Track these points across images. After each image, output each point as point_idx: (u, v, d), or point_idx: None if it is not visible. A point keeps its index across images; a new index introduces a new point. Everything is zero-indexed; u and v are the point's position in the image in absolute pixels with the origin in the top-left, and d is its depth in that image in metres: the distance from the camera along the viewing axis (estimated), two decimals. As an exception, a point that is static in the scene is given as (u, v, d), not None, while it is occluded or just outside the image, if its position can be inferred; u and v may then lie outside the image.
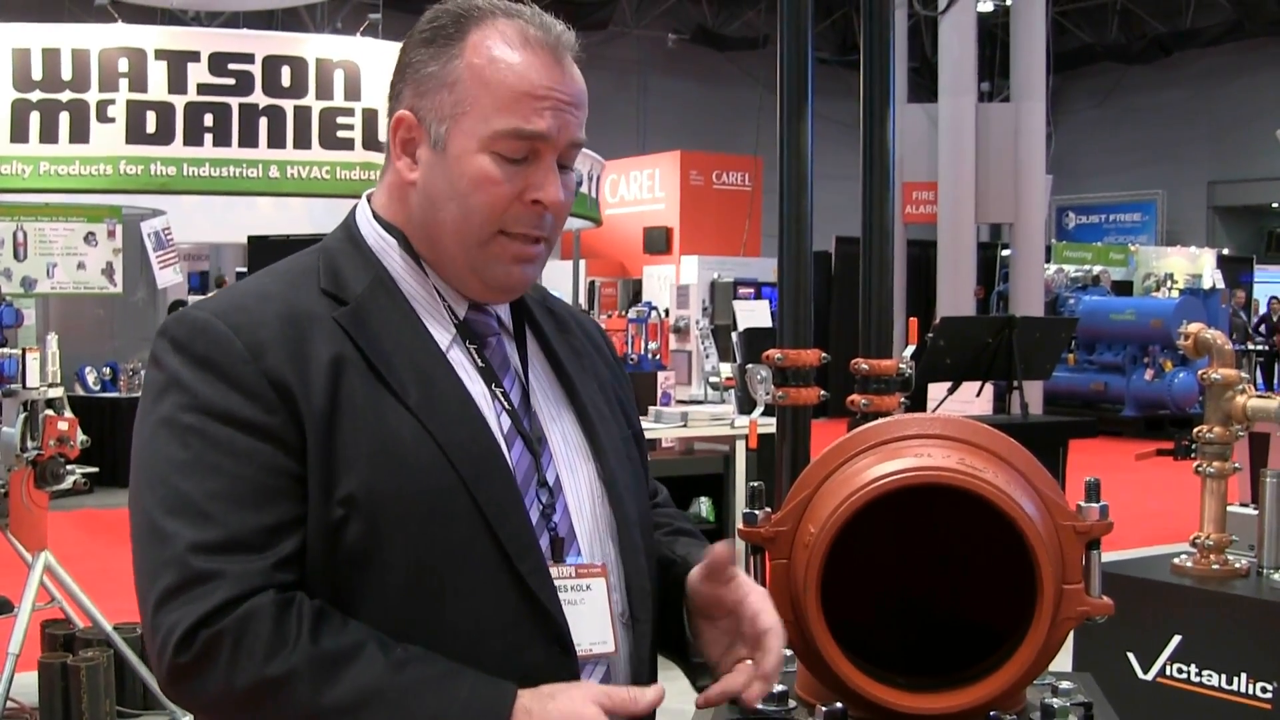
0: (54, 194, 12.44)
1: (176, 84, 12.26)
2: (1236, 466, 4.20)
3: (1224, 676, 3.96)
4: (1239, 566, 4.12)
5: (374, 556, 1.77)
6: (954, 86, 20.07)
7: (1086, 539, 1.90)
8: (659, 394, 8.62)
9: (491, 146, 1.87)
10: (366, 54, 13.10)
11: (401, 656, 1.72)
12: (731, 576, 1.89)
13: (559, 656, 1.84)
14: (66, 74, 12.09)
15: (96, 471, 10.88)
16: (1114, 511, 1.91)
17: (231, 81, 12.37)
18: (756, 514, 1.99)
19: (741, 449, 7.92)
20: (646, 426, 7.94)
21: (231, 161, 12.41)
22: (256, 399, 1.77)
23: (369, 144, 12.86)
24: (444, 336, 1.93)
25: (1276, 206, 34.83)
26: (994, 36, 25.39)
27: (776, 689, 2.03)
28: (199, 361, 1.79)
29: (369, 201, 2.02)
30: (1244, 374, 4.21)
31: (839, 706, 1.93)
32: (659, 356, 10.43)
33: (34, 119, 12.05)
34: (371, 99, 12.83)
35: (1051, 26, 21.71)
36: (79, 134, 12.08)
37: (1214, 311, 21.08)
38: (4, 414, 6.21)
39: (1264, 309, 27.21)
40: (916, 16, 23.36)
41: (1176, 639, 4.08)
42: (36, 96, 12.06)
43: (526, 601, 1.82)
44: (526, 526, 1.85)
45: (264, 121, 12.45)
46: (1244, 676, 3.91)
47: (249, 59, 12.35)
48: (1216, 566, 4.12)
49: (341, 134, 12.66)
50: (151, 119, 12.20)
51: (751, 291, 20.31)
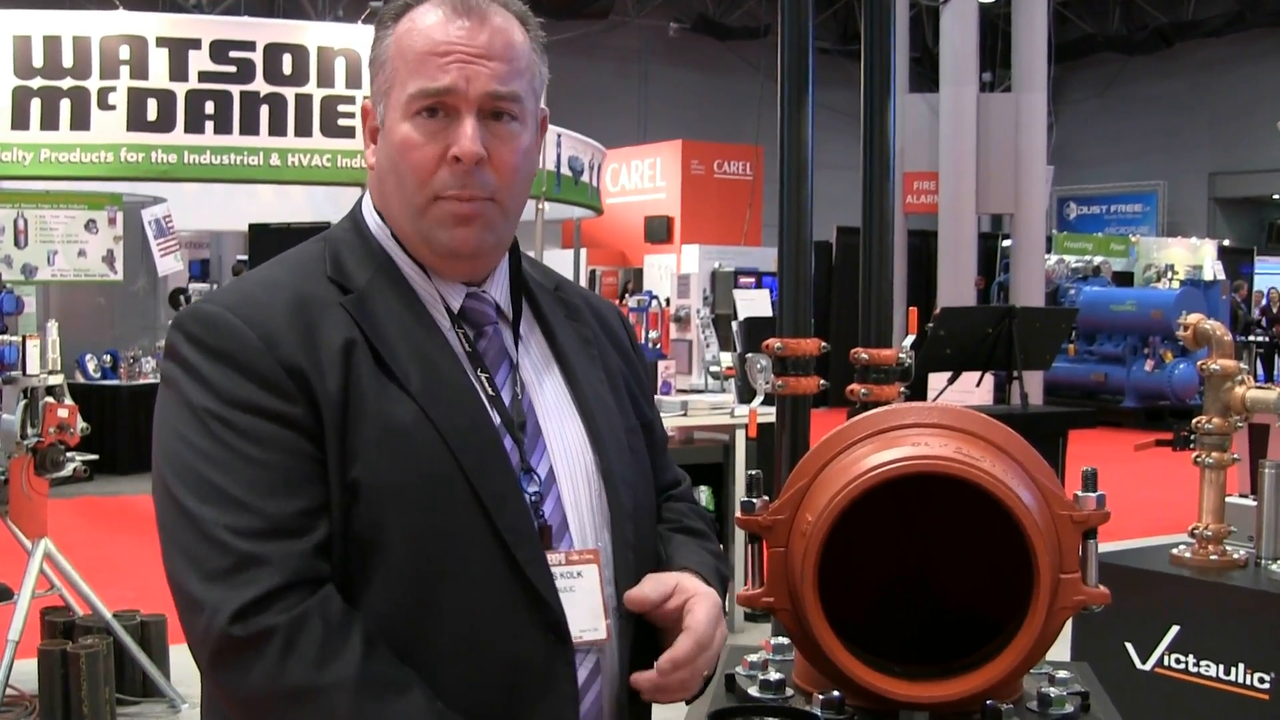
0: (55, 181, 12.44)
1: (178, 71, 12.25)
2: (1235, 457, 4.20)
3: (1222, 667, 3.96)
4: (1237, 557, 4.12)
5: (377, 540, 1.79)
6: (955, 76, 20.05)
7: (1083, 528, 1.90)
8: (659, 383, 8.64)
9: (409, 111, 1.89)
10: (368, 42, 12.95)
11: (441, 711, 1.75)
12: (680, 593, 1.95)
13: (555, 645, 1.85)
14: (68, 61, 12.08)
15: (96, 459, 10.88)
16: (1113, 502, 1.92)
17: (233, 69, 12.36)
18: (754, 502, 1.99)
19: (741, 438, 7.93)
20: (646, 415, 7.96)
21: (232, 149, 12.40)
22: (274, 388, 1.79)
23: (370, 132, 12.83)
24: (444, 323, 1.95)
25: (1277, 198, 34.80)
26: (995, 26, 25.38)
27: (774, 677, 2.04)
28: (215, 354, 1.81)
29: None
30: (1243, 365, 4.21)
31: (836, 695, 1.93)
32: (659, 345, 10.45)
33: (35, 106, 12.04)
34: (373, 87, 12.81)
35: (1053, 16, 21.68)
36: (80, 121, 12.07)
37: (1214, 303, 21.08)
38: (4, 401, 6.22)
39: (1264, 301, 27.18)
40: (918, 6, 23.31)
41: (1175, 629, 4.08)
42: (38, 83, 12.06)
43: (524, 590, 1.83)
44: (525, 516, 1.86)
45: (265, 109, 12.44)
46: (1242, 667, 3.91)
47: (250, 46, 12.34)
48: (1215, 557, 4.12)
49: (343, 122, 12.65)
50: (153, 106, 12.19)
51: (752, 281, 20.33)
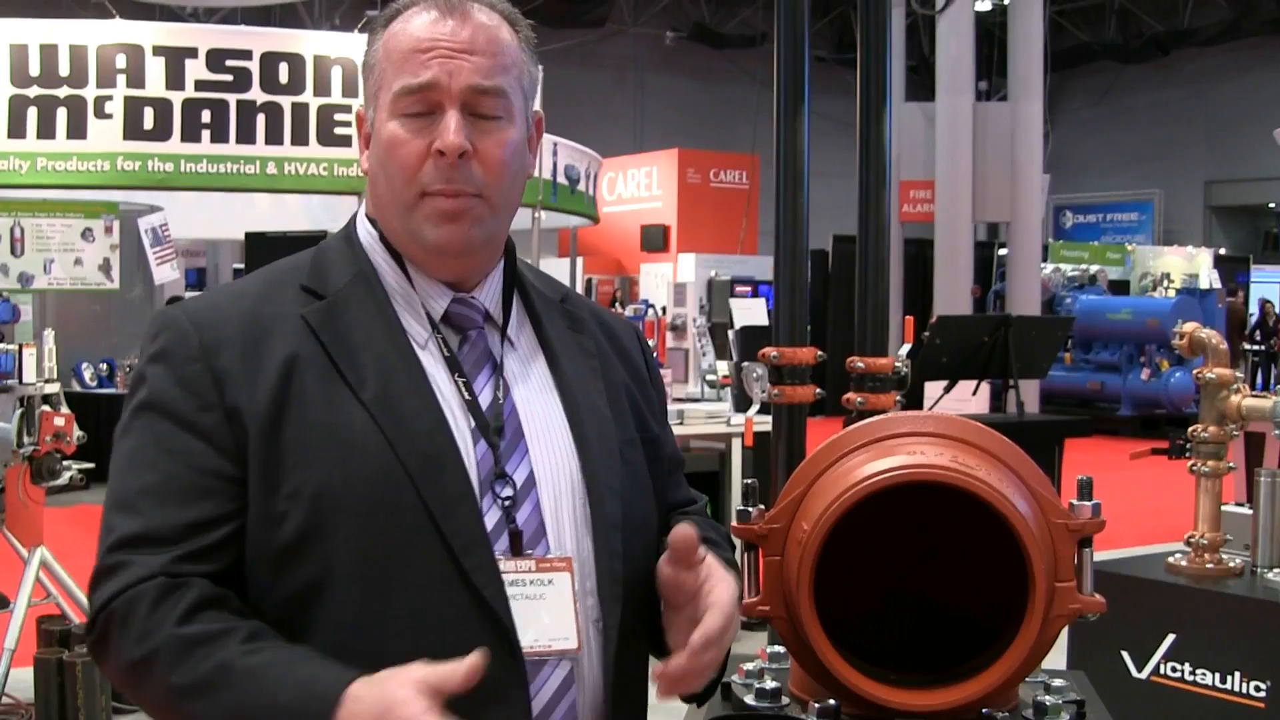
0: (51, 189, 12.43)
1: (174, 80, 12.25)
2: (1231, 465, 4.20)
3: (1218, 675, 3.96)
4: (1233, 565, 4.12)
5: (320, 549, 1.79)
6: (951, 85, 20.07)
7: (1078, 537, 1.91)
8: (666, 398, 8.64)
9: (396, 110, 1.91)
10: (364, 51, 13.07)
11: (261, 643, 1.74)
12: (697, 560, 1.87)
13: (504, 657, 1.81)
14: (64, 70, 12.08)
15: (93, 467, 10.87)
16: (1109, 510, 1.92)
17: (229, 78, 12.36)
18: (750, 511, 1.99)
19: (738, 447, 7.93)
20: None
21: (229, 158, 12.40)
22: (196, 396, 1.83)
23: (367, 141, 12.85)
24: (421, 331, 1.95)
25: (1273, 206, 34.84)
26: (991, 35, 25.39)
27: (770, 686, 2.04)
28: (158, 355, 1.88)
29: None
30: (1239, 373, 4.21)
31: (832, 703, 1.94)
32: (656, 354, 10.45)
33: (31, 114, 12.04)
34: (369, 96, 12.82)
35: (1049, 25, 21.72)
36: (76, 130, 12.07)
37: (1210, 311, 21.09)
38: (0, 410, 6.21)
39: (1256, 312, 27.21)
40: (914, 15, 23.34)
41: (1171, 638, 4.08)
42: (34, 92, 12.05)
43: (472, 598, 1.82)
44: (475, 522, 1.84)
45: (261, 118, 12.44)
46: (1238, 675, 3.91)
47: (247, 55, 12.34)
48: (1211, 565, 4.12)
49: (339, 131, 12.65)
50: (149, 115, 12.19)
51: (749, 289, 20.31)
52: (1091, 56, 33.64)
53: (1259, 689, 3.85)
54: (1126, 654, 4.17)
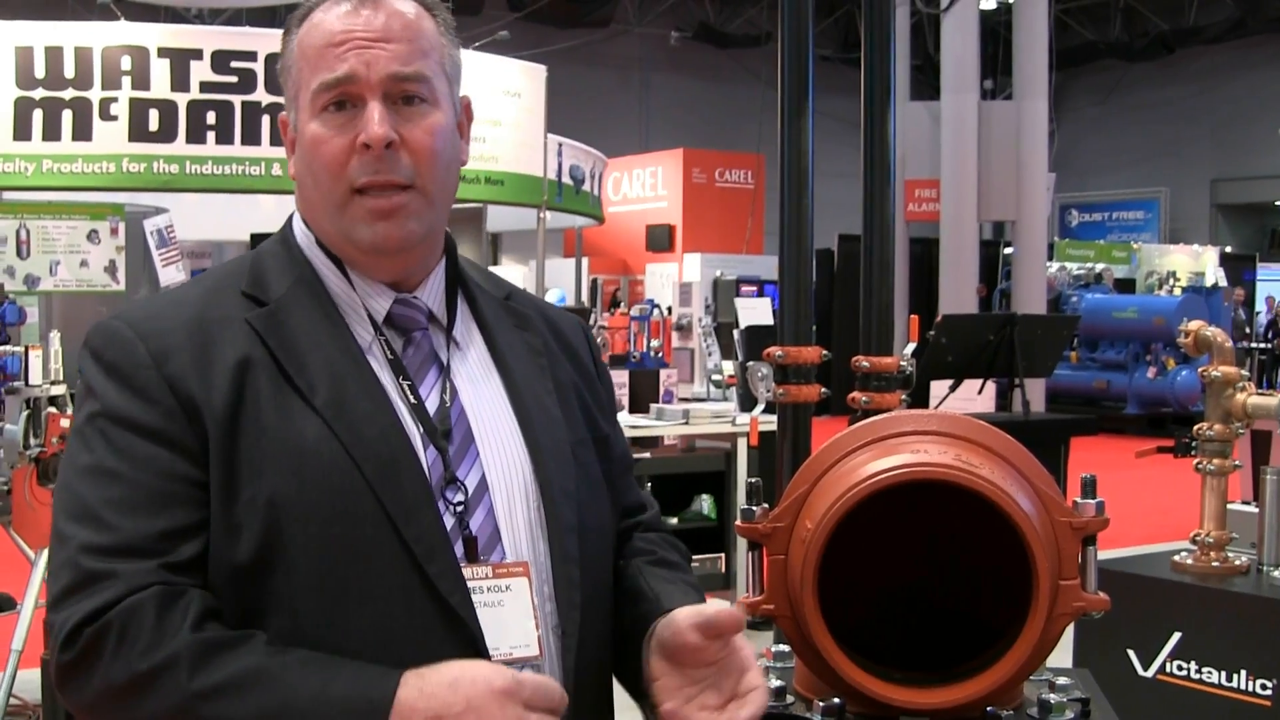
0: (57, 192, 12.44)
1: (179, 82, 12.26)
2: (1237, 464, 4.20)
3: (1224, 674, 3.96)
4: (1239, 564, 4.12)
5: (279, 560, 1.74)
6: (956, 84, 20.07)
7: (1083, 534, 1.91)
8: (661, 391, 8.63)
9: (316, 109, 1.87)
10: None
11: (286, 649, 1.69)
12: (728, 641, 1.83)
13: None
14: (70, 72, 12.10)
15: (99, 469, 10.80)
16: (1114, 509, 1.92)
17: (234, 79, 12.37)
18: (754, 510, 1.99)
19: (743, 446, 7.93)
20: (649, 424, 7.95)
21: (234, 159, 12.42)
22: (156, 404, 1.77)
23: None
24: (365, 334, 1.90)
25: (1279, 205, 34.79)
26: (996, 34, 25.40)
27: (775, 684, 2.04)
28: (108, 369, 1.81)
29: None
30: (1244, 371, 4.21)
31: (836, 702, 1.94)
32: (661, 354, 10.44)
33: (37, 117, 12.06)
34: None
35: (1054, 24, 21.69)
36: (82, 132, 12.09)
37: (1216, 309, 21.07)
38: (7, 412, 6.22)
39: (1263, 310, 27.19)
40: (919, 14, 23.33)
41: (1176, 636, 4.08)
42: (40, 94, 12.07)
43: (437, 605, 1.77)
44: (435, 527, 1.79)
45: (266, 119, 12.46)
46: (1244, 674, 3.91)
47: (251, 57, 12.34)
48: (1217, 564, 4.12)
49: (344, 132, 12.63)
50: (154, 117, 12.21)
51: (754, 289, 20.31)
52: (1097, 55, 33.63)
53: (1265, 687, 3.85)
54: (1132, 652, 4.17)
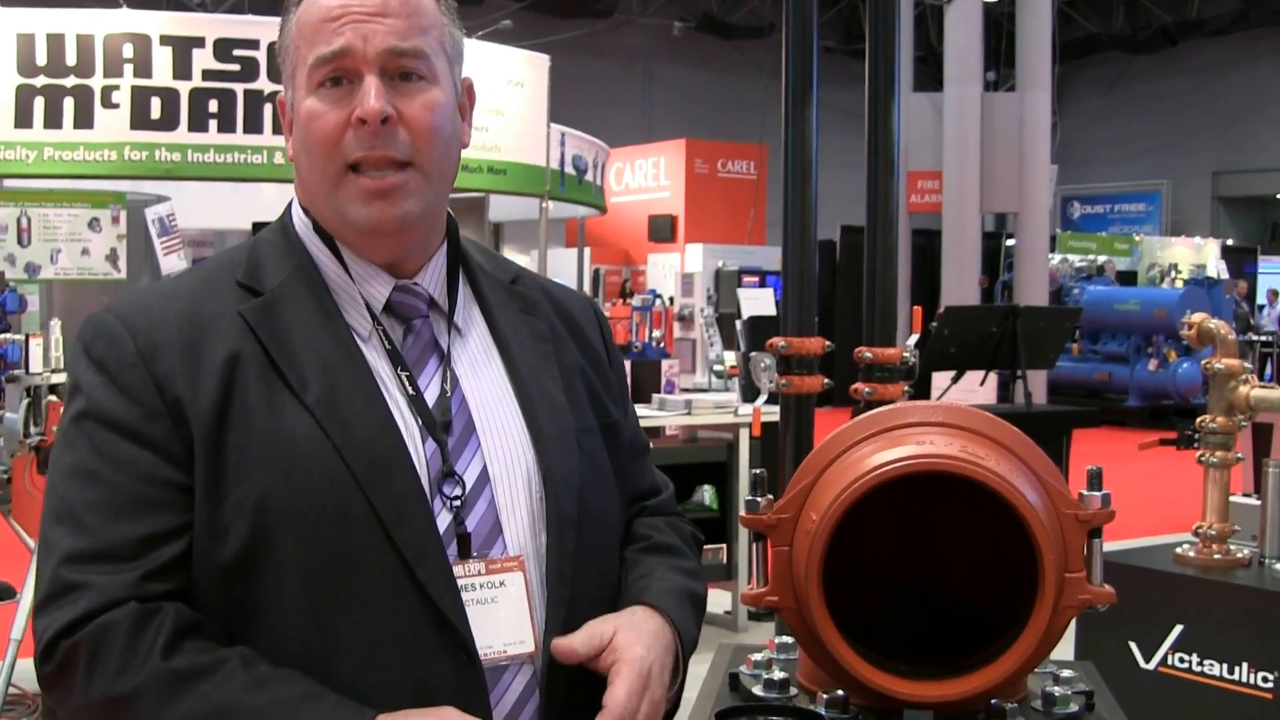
0: (58, 179, 12.42)
1: (181, 70, 12.22)
2: (1239, 456, 4.20)
3: (1226, 666, 3.95)
4: (1241, 556, 4.12)
5: (266, 563, 1.72)
6: (959, 75, 20.04)
7: (1088, 527, 1.90)
8: (663, 382, 8.63)
9: (312, 85, 1.85)
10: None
11: (261, 675, 1.66)
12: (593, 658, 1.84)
13: (463, 666, 1.77)
14: (71, 59, 12.07)
15: (100, 457, 10.82)
16: (1117, 501, 1.91)
17: (236, 67, 12.34)
18: (759, 501, 1.98)
19: (745, 437, 7.92)
20: (651, 414, 7.94)
21: (236, 148, 12.39)
22: (140, 404, 1.75)
23: (373, 131, 12.83)
24: (364, 324, 1.88)
25: (1281, 197, 34.82)
26: (999, 25, 25.37)
27: (778, 676, 2.03)
28: (96, 365, 1.79)
29: None
30: (1247, 364, 4.21)
31: (841, 694, 1.93)
32: (663, 344, 10.43)
33: (38, 104, 12.02)
34: (375, 86, 12.80)
35: (1057, 15, 21.66)
36: (83, 119, 12.05)
37: (1218, 302, 21.06)
38: (7, 400, 6.21)
39: (1266, 304, 27.18)
40: (922, 5, 23.31)
41: (1178, 628, 4.07)
42: (41, 82, 12.04)
43: (427, 609, 1.75)
44: (428, 530, 1.77)
45: (269, 108, 12.41)
46: (1245, 666, 3.91)
47: (254, 45, 12.31)
48: (1219, 556, 4.11)
49: (346, 120, 12.61)
50: (156, 105, 12.17)
51: (756, 280, 20.32)
52: (1100, 47, 33.60)
53: (1266, 679, 3.85)
54: (1134, 644, 4.17)
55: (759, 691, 2.03)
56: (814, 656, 1.98)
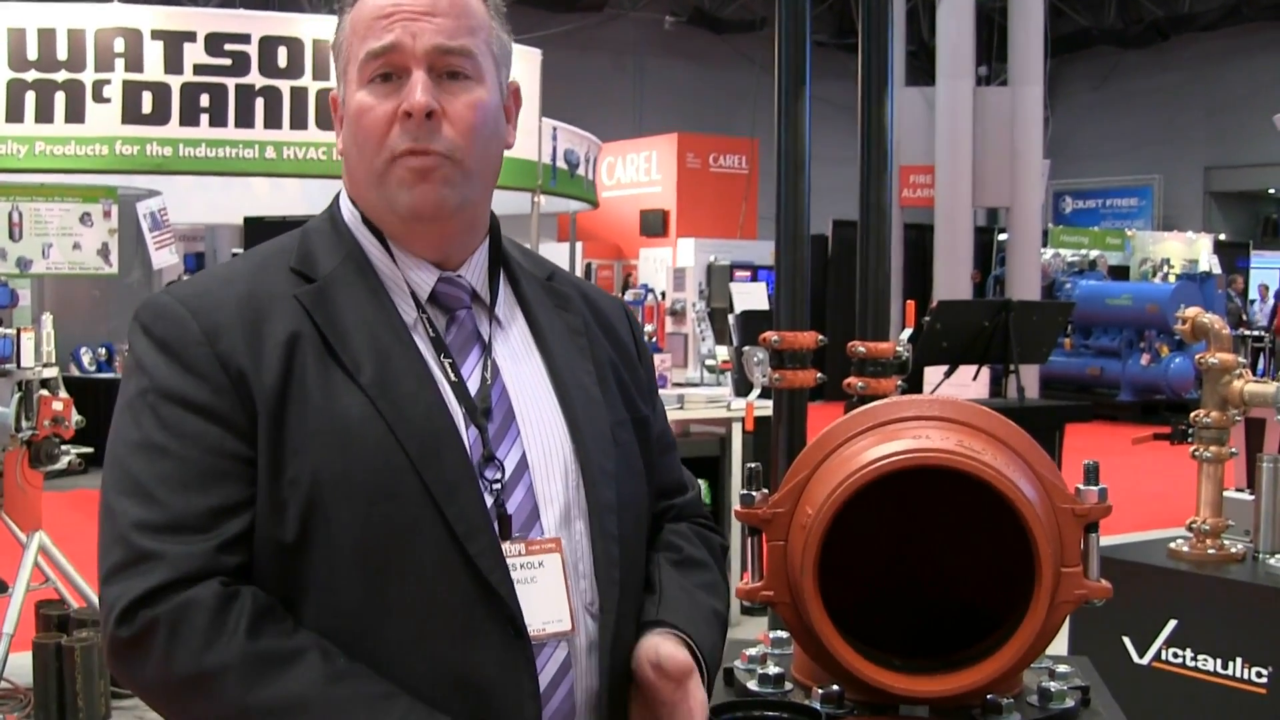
0: (49, 174, 12.39)
1: (173, 64, 12.19)
2: (1233, 451, 4.20)
3: (1219, 661, 3.96)
4: (1235, 551, 4.12)
5: (321, 537, 1.77)
6: (951, 70, 20.04)
7: (1085, 522, 1.90)
8: (655, 376, 8.62)
9: (363, 80, 1.89)
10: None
11: (340, 670, 1.72)
12: (681, 684, 1.86)
13: (512, 640, 1.82)
14: (62, 54, 12.03)
15: (91, 452, 10.87)
16: (1110, 496, 1.91)
17: (228, 62, 12.30)
18: (754, 495, 1.98)
19: (738, 431, 7.92)
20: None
21: (228, 142, 12.36)
22: (207, 381, 1.79)
23: (366, 125, 12.82)
24: (410, 312, 1.92)
25: (1273, 192, 34.81)
26: (991, 20, 25.34)
27: (773, 671, 2.03)
28: (159, 344, 1.83)
29: None
30: (1241, 359, 4.21)
31: (836, 689, 1.93)
32: (655, 339, 10.43)
33: (29, 99, 11.99)
34: (368, 80, 12.80)
35: (1049, 10, 21.67)
36: (75, 114, 12.02)
37: (1210, 297, 21.08)
38: (-1, 394, 6.20)
39: (1257, 299, 27.20)
40: (914, 0, 23.29)
41: (1172, 623, 4.08)
42: (32, 76, 12.01)
43: (477, 583, 1.80)
44: (477, 506, 1.82)
45: (260, 102, 12.39)
46: (1239, 661, 3.91)
47: (245, 39, 12.28)
48: (1212, 551, 4.12)
49: (338, 115, 12.59)
50: (147, 99, 12.14)
51: (748, 274, 20.29)
52: (1091, 41, 33.59)
53: (1260, 675, 3.86)
54: (1127, 639, 4.17)
55: (754, 686, 2.03)
56: (809, 651, 1.98)
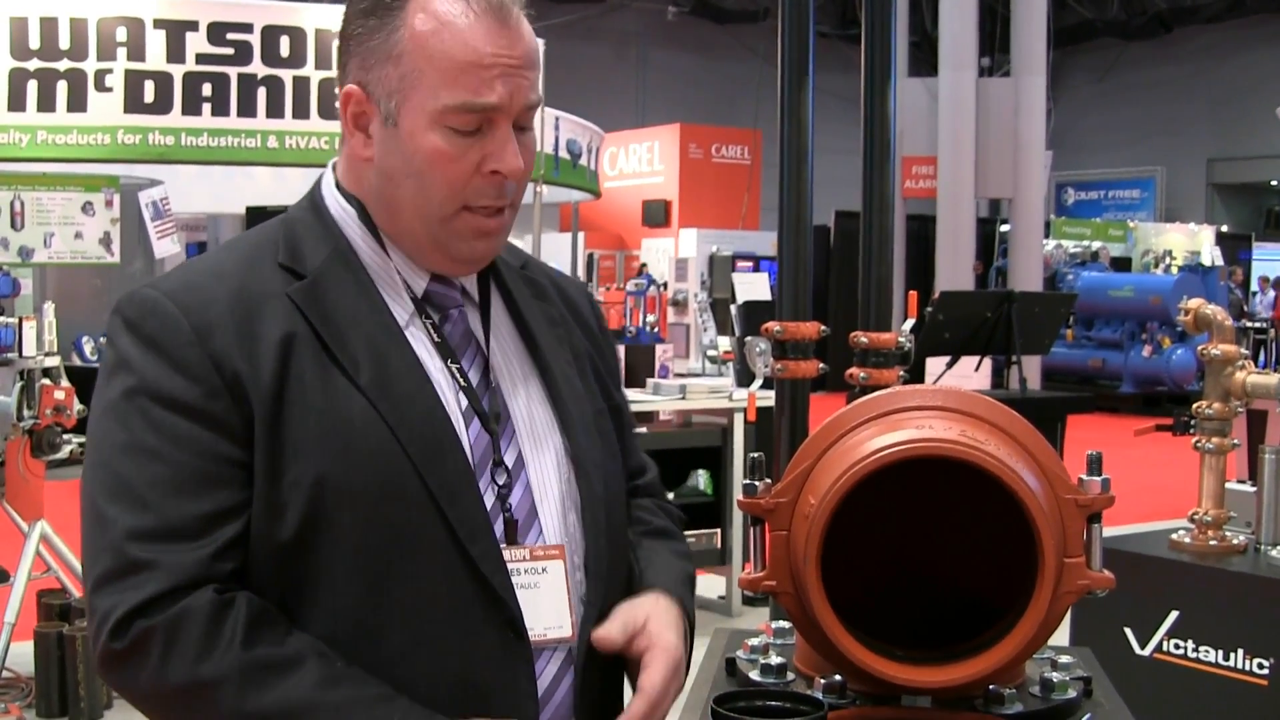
0: (51, 163, 12.39)
1: (175, 53, 12.18)
2: (1235, 443, 4.19)
3: (1221, 652, 3.95)
4: (1237, 543, 4.12)
5: (322, 540, 1.75)
6: (954, 61, 20.03)
7: (1088, 512, 1.89)
8: (657, 367, 8.61)
9: (443, 121, 1.81)
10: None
11: (337, 673, 1.70)
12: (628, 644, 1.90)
13: (512, 642, 1.82)
14: (64, 43, 12.02)
15: (93, 441, 10.86)
16: (1112, 487, 1.90)
17: (230, 51, 12.29)
18: (757, 485, 1.98)
19: (740, 422, 7.93)
20: (645, 399, 7.94)
21: (230, 131, 12.35)
22: (200, 382, 1.75)
23: (367, 115, 12.81)
24: (402, 311, 1.89)
25: (1275, 184, 34.77)
26: (994, 11, 25.32)
27: (775, 661, 2.03)
28: (146, 342, 1.78)
29: (333, 170, 1.99)
30: (1244, 350, 4.20)
31: (838, 679, 1.92)
32: (657, 329, 10.40)
33: (31, 88, 11.98)
34: (370, 69, 12.79)
35: (1052, 1, 21.64)
36: (77, 103, 12.01)
37: (1212, 288, 21.08)
38: (0, 383, 6.20)
39: (1258, 291, 27.18)
40: (917, -10, 23.27)
41: (1174, 615, 4.07)
42: (34, 65, 12.00)
43: (478, 585, 1.79)
44: (479, 509, 1.81)
45: (262, 91, 12.38)
46: (1241, 652, 3.91)
47: (248, 29, 12.26)
48: (1214, 542, 4.11)
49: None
50: (150, 88, 12.13)
51: (750, 265, 20.30)
52: (1094, 33, 33.56)
53: (1261, 666, 3.85)
54: (1129, 631, 4.16)
55: (756, 676, 2.03)
56: (811, 641, 1.98)
